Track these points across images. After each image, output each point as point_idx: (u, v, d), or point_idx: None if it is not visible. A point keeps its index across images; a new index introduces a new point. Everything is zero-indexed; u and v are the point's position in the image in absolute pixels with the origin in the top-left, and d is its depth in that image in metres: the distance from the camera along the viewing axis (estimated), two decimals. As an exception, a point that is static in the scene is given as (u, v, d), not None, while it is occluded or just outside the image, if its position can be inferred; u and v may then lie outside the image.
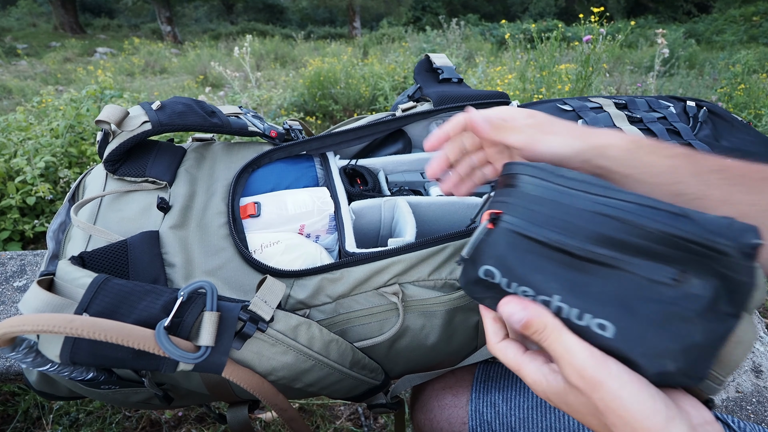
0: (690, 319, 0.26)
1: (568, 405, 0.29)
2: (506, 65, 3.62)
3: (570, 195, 0.30)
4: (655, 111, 0.74)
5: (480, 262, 0.32)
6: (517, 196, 0.32)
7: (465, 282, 0.34)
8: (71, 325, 0.33)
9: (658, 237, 0.26)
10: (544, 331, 0.28)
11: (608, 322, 0.27)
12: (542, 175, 0.32)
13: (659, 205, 0.27)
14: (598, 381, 0.26)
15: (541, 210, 0.31)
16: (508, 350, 0.33)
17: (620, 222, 0.28)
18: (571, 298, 0.28)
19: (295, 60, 6.42)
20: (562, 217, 0.30)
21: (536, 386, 0.31)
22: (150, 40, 9.78)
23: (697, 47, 6.78)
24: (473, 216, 0.37)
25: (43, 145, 1.69)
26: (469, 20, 10.93)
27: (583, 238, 0.28)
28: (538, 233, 0.30)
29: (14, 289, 0.83)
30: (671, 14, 13.70)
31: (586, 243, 0.28)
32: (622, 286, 0.27)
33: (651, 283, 0.27)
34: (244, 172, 0.61)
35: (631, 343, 0.26)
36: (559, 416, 0.50)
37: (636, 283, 0.27)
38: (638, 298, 0.27)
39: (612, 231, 0.28)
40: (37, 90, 4.33)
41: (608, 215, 0.28)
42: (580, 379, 0.27)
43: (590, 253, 0.28)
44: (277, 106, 3.07)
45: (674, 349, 0.26)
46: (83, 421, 1.02)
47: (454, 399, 0.54)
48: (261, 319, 0.41)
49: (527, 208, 0.31)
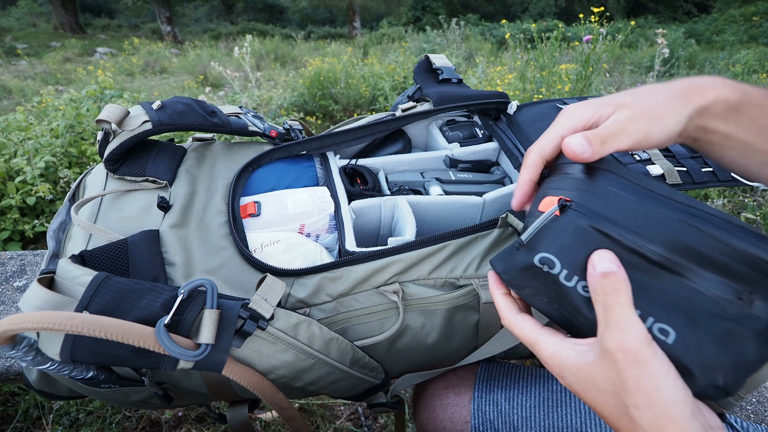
0: (747, 338, 0.26)
1: (589, 381, 0.28)
2: (506, 65, 3.63)
3: (654, 198, 0.29)
4: (654, 110, 0.74)
5: (537, 248, 0.31)
6: (590, 187, 0.31)
7: (510, 266, 0.33)
8: (71, 322, 0.33)
9: (741, 256, 0.26)
10: (617, 291, 0.27)
11: (671, 328, 0.27)
12: (621, 171, 0.31)
13: (745, 225, 0.27)
14: (643, 357, 0.26)
15: (619, 207, 0.29)
16: (524, 323, 0.32)
17: (706, 235, 0.27)
18: (637, 299, 0.28)
19: (295, 60, 6.43)
20: (642, 219, 0.28)
21: (553, 359, 0.30)
22: (150, 40, 9.78)
23: (697, 47, 6.78)
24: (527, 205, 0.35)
25: (43, 145, 1.69)
26: (469, 20, 10.93)
27: (662, 244, 0.28)
28: (613, 230, 0.29)
29: (14, 289, 0.83)
30: (671, 14, 13.71)
31: (663, 249, 0.28)
32: (689, 296, 0.27)
33: (717, 298, 0.27)
34: (244, 172, 0.61)
35: (691, 352, 0.27)
36: (562, 415, 0.50)
37: (702, 295, 0.27)
38: (702, 311, 0.27)
39: (695, 242, 0.27)
40: (37, 90, 4.33)
41: (695, 226, 0.27)
42: (623, 349, 0.26)
43: (665, 260, 0.28)
44: (277, 106, 3.07)
45: (727, 365, 0.26)
46: (83, 421, 1.02)
47: (457, 398, 0.54)
48: (261, 317, 0.41)
49: (603, 202, 0.30)
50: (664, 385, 0.26)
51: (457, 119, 0.79)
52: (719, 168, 0.63)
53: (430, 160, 0.73)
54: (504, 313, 0.34)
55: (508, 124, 0.75)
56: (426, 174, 0.70)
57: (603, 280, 0.27)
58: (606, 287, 0.27)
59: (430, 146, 0.81)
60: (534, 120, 0.73)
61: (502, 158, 0.75)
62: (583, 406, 0.51)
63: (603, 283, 0.27)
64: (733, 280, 0.27)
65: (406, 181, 0.69)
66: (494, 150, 0.75)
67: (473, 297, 0.50)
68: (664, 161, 0.62)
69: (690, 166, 0.62)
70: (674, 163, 0.63)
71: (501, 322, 0.35)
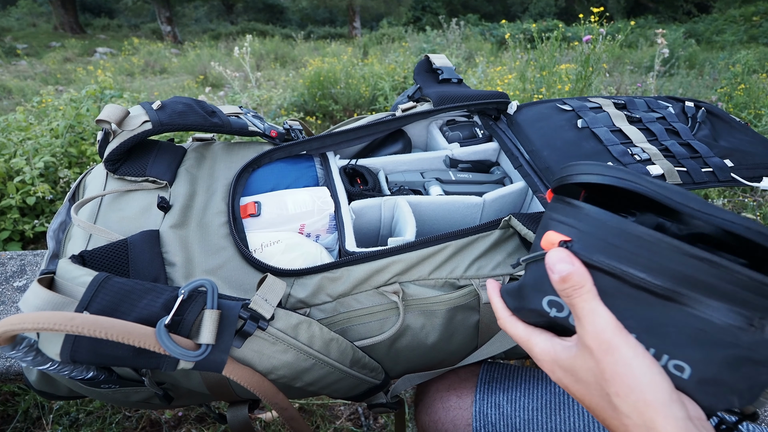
0: (761, 363, 0.27)
1: (574, 374, 0.30)
2: (506, 65, 3.62)
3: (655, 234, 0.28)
4: (654, 111, 0.74)
5: (543, 291, 0.31)
6: (589, 223, 0.30)
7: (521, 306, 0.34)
8: (72, 323, 0.33)
9: (748, 283, 0.26)
10: (580, 288, 0.28)
11: (685, 363, 0.28)
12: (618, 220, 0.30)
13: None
14: (614, 345, 0.27)
15: (623, 245, 0.28)
16: (518, 323, 0.34)
17: (712, 265, 0.27)
18: (648, 337, 0.28)
19: (295, 60, 6.42)
20: (647, 255, 0.28)
21: (544, 356, 0.32)
22: (150, 40, 9.78)
23: (697, 47, 6.78)
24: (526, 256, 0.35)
25: (43, 145, 1.69)
26: (469, 20, 10.92)
27: (669, 278, 0.28)
28: (619, 270, 0.28)
29: (14, 289, 0.83)
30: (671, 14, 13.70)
31: (671, 283, 0.28)
32: (701, 327, 0.28)
33: (729, 327, 0.27)
34: (244, 172, 0.61)
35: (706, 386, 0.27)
36: (565, 417, 0.50)
37: (714, 325, 0.27)
38: (715, 341, 0.27)
39: (701, 274, 0.27)
40: (37, 90, 4.32)
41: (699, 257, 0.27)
42: (596, 339, 0.28)
43: (674, 294, 0.28)
44: (277, 106, 3.07)
45: (743, 389, 0.27)
46: (83, 421, 1.02)
47: (459, 401, 0.54)
48: (261, 318, 0.41)
49: (606, 240, 0.29)
50: (638, 370, 0.26)
51: (457, 119, 0.79)
52: (719, 168, 0.63)
53: (430, 160, 0.73)
54: (501, 314, 0.36)
55: (508, 124, 0.75)
56: (426, 174, 0.70)
57: (564, 283, 0.29)
58: (567, 286, 0.29)
59: (430, 146, 0.81)
60: (534, 120, 0.73)
61: (502, 158, 0.75)
62: (585, 408, 0.51)
63: (565, 285, 0.29)
64: (742, 307, 0.27)
65: (406, 181, 0.69)
66: (494, 150, 0.75)
67: (473, 297, 0.50)
68: (665, 161, 0.62)
69: (690, 166, 0.62)
70: (674, 163, 0.63)
71: (498, 322, 0.36)
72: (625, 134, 0.68)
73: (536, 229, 0.49)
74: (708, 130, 0.72)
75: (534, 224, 0.50)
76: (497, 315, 0.36)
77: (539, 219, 0.51)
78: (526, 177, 0.67)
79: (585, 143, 0.66)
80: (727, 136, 0.72)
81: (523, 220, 0.50)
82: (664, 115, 0.73)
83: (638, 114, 0.72)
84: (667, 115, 0.73)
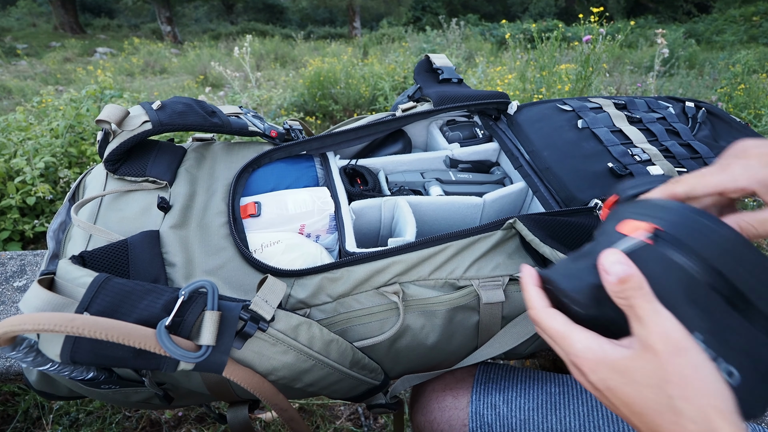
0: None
1: (628, 375, 0.28)
2: (506, 65, 3.62)
3: (743, 243, 0.29)
4: (654, 111, 0.74)
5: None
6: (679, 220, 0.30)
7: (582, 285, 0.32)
8: (72, 324, 0.33)
9: None
10: (639, 290, 0.28)
11: (736, 371, 0.28)
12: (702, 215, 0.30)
13: None
14: (684, 347, 0.26)
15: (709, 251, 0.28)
16: (557, 316, 0.32)
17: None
18: (713, 339, 0.28)
19: (295, 60, 6.42)
20: (731, 262, 0.28)
21: (588, 352, 0.30)
22: (150, 40, 9.78)
23: (697, 47, 6.78)
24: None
25: (43, 145, 1.69)
26: (469, 20, 10.92)
27: (746, 286, 0.28)
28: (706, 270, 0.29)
29: (14, 289, 0.83)
30: (671, 14, 13.70)
31: (747, 291, 0.28)
32: (754, 338, 0.28)
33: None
34: (244, 172, 0.61)
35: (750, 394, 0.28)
36: (560, 417, 0.50)
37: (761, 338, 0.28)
38: (762, 353, 0.28)
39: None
40: (37, 90, 4.32)
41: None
42: (664, 341, 0.27)
43: (744, 302, 0.28)
44: (277, 106, 3.07)
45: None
46: (83, 421, 1.02)
47: (455, 401, 0.54)
48: (262, 319, 0.41)
49: (693, 234, 0.29)
50: (707, 376, 0.26)
51: (457, 119, 0.79)
52: None
53: (430, 161, 0.73)
54: (536, 304, 0.34)
55: (508, 124, 0.75)
56: (426, 174, 0.70)
57: (623, 284, 0.28)
58: (625, 287, 0.28)
59: (430, 146, 0.81)
60: (534, 120, 0.73)
61: (503, 158, 0.75)
62: (581, 408, 0.51)
63: (624, 287, 0.28)
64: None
65: (406, 181, 0.69)
66: (494, 150, 0.75)
67: (473, 298, 0.50)
68: (665, 162, 0.62)
69: (690, 167, 0.62)
70: (674, 163, 0.63)
71: (528, 312, 0.34)
72: (626, 135, 0.68)
73: (542, 234, 0.49)
74: (708, 130, 0.72)
75: (539, 229, 0.50)
76: (530, 305, 0.34)
77: (543, 223, 0.51)
78: (526, 177, 0.67)
79: (585, 143, 0.66)
80: (727, 136, 0.72)
81: (529, 224, 0.50)
82: (665, 115, 0.73)
83: (638, 114, 0.72)
84: (668, 115, 0.73)
